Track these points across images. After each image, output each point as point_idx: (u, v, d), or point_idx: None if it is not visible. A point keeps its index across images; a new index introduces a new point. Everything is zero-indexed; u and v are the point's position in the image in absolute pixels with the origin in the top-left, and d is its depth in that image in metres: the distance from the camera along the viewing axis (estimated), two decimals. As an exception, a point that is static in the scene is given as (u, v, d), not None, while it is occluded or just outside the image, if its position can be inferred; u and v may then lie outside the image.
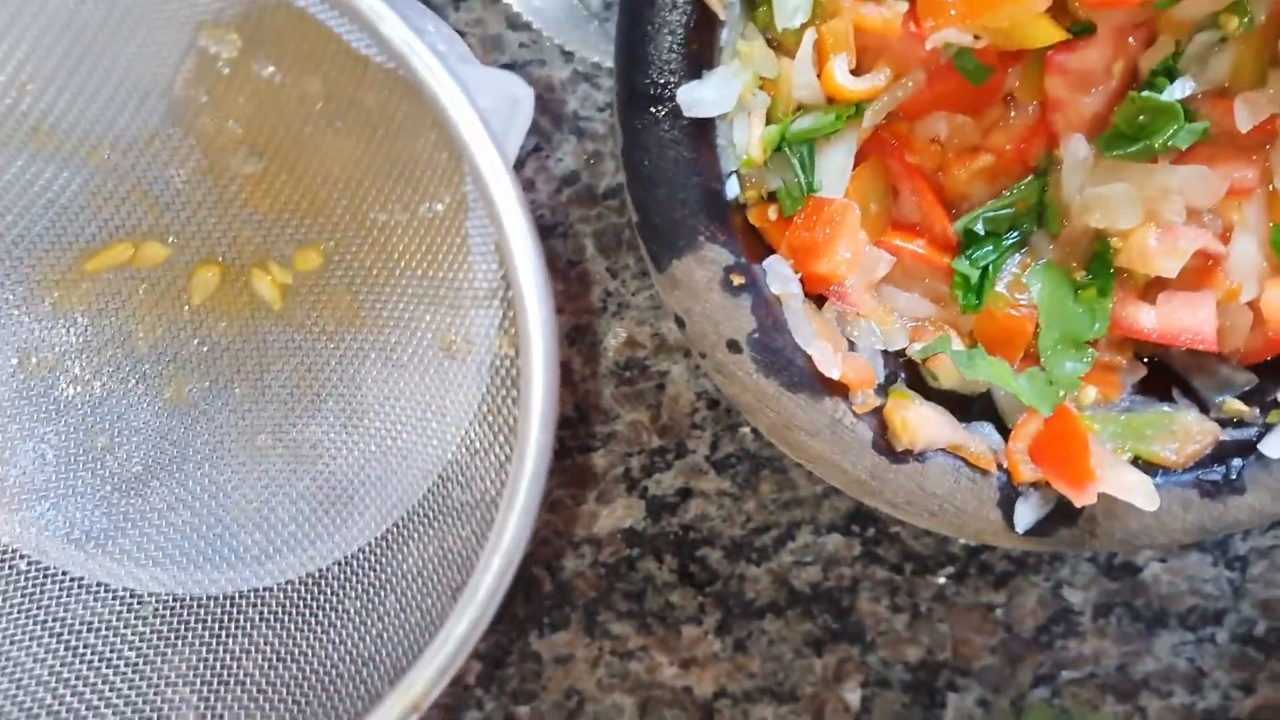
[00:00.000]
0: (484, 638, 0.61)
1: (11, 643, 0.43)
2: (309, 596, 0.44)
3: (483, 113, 0.34)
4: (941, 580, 0.61)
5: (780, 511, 0.60)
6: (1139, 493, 0.43)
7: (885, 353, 0.47)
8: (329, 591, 0.44)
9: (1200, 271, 0.46)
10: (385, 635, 0.42)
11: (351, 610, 0.43)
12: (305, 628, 0.44)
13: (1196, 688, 0.61)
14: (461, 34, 0.52)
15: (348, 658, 0.42)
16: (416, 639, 0.40)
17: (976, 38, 0.42)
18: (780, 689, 0.62)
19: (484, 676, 0.62)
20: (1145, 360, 0.48)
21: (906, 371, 0.47)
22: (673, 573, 0.61)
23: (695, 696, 0.62)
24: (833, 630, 0.61)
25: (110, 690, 0.43)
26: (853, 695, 0.62)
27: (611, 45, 0.54)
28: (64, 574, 0.45)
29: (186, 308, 0.45)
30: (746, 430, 0.60)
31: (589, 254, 0.58)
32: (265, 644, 0.44)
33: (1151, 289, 0.46)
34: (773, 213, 0.45)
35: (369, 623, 0.42)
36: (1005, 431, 0.46)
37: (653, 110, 0.41)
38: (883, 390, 0.46)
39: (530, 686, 0.62)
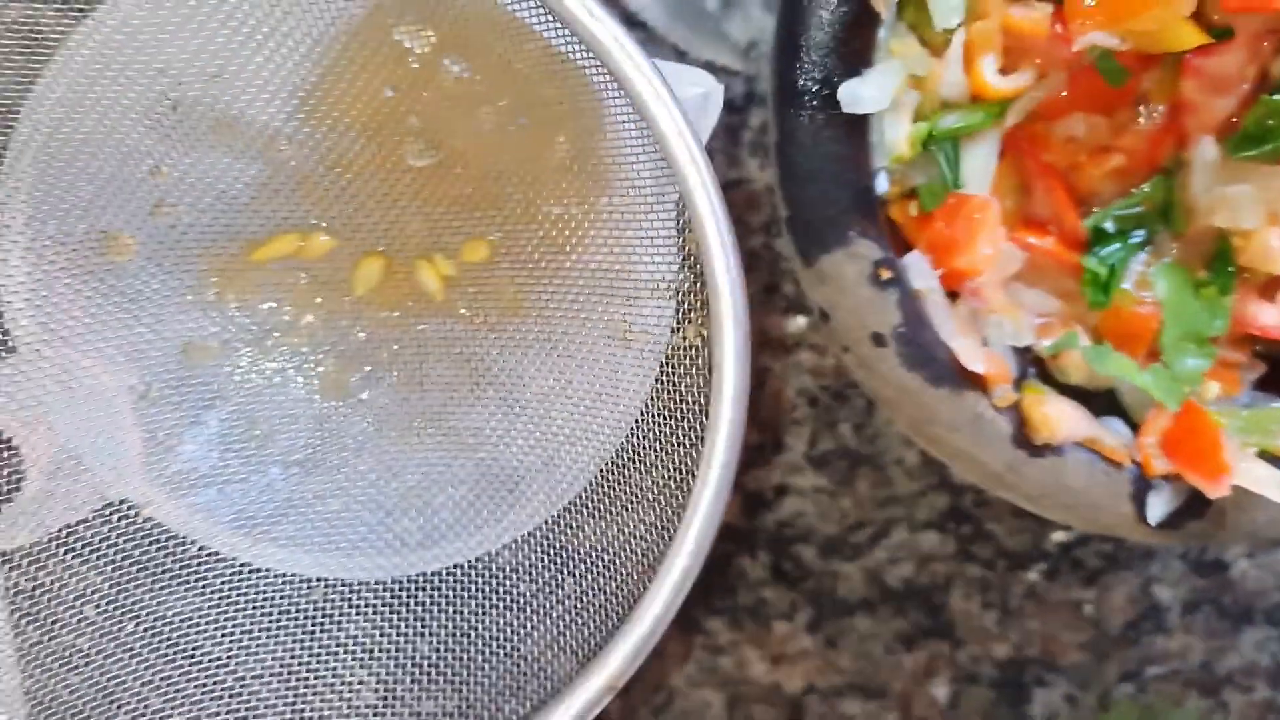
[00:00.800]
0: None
1: (188, 626, 0.43)
2: (479, 580, 0.45)
3: (682, 106, 0.35)
4: (1033, 577, 0.62)
5: (876, 509, 0.61)
6: (1271, 484, 0.44)
7: (1014, 349, 0.47)
8: (501, 576, 0.44)
9: (1320, 271, 0.47)
10: (569, 617, 0.42)
11: (527, 594, 0.44)
12: (479, 610, 0.44)
13: (1278, 683, 0.62)
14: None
15: (529, 639, 0.42)
16: (603, 620, 0.40)
17: (1122, 40, 0.43)
18: (869, 685, 0.63)
19: (575, 672, 0.62)
20: (1265, 357, 0.49)
21: (1034, 367, 0.48)
22: (766, 569, 0.62)
23: (784, 692, 0.63)
24: (924, 627, 0.62)
25: (285, 669, 0.44)
26: (941, 691, 0.63)
27: (726, 43, 0.55)
28: (233, 559, 0.45)
29: (348, 298, 0.46)
30: (845, 427, 0.60)
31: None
32: (439, 626, 0.44)
33: (1271, 287, 0.47)
34: (913, 209, 0.45)
35: (548, 605, 0.43)
36: (1133, 427, 0.47)
37: (807, 106, 0.42)
38: (1016, 385, 0.46)
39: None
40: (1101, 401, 0.49)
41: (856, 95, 0.41)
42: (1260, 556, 0.61)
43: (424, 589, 0.45)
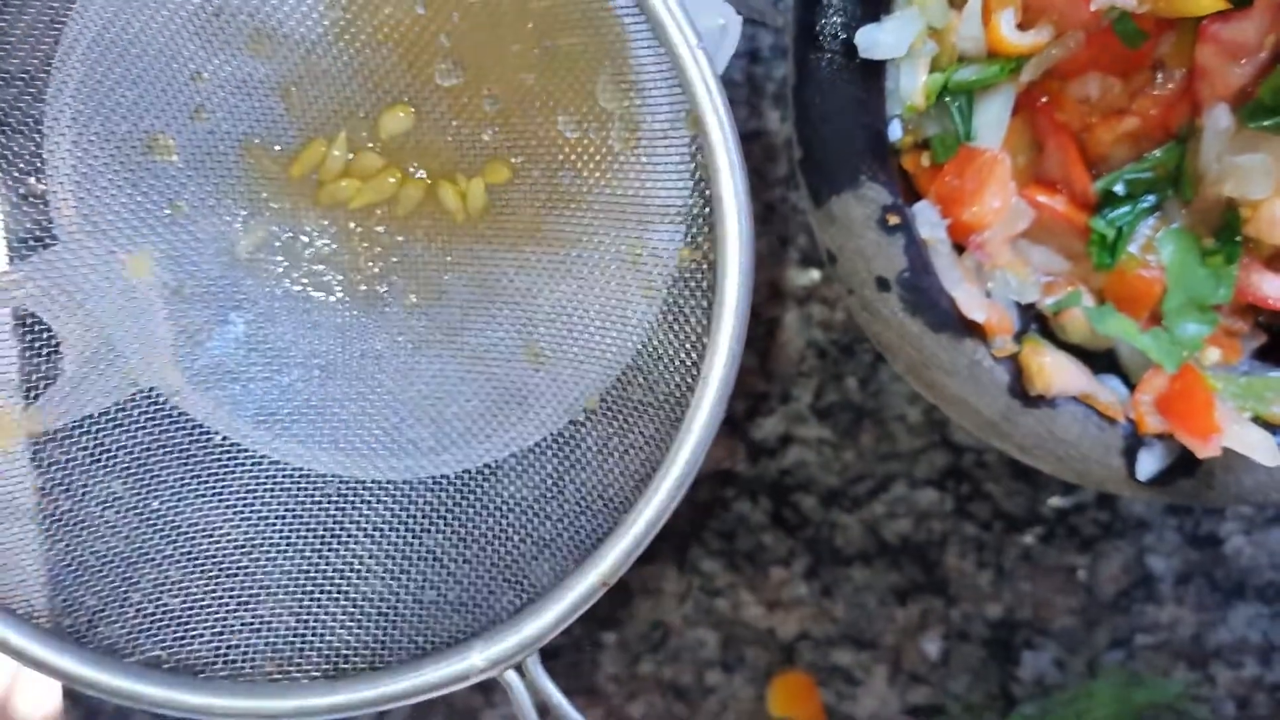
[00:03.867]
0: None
1: (209, 508, 0.46)
2: (486, 485, 0.47)
3: (700, 33, 0.36)
4: (1029, 540, 0.63)
5: (877, 463, 0.62)
6: (1261, 448, 0.44)
7: (1018, 305, 0.48)
8: (506, 481, 0.46)
9: (1328, 245, 0.47)
10: (565, 521, 0.44)
11: (529, 499, 0.45)
12: (485, 512, 0.46)
13: (1267, 661, 0.63)
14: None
15: (528, 541, 0.44)
16: (600, 524, 0.42)
17: (1140, 2, 0.43)
18: (862, 636, 0.64)
19: (575, 604, 0.64)
20: (1266, 328, 0.50)
21: (1037, 324, 0.49)
22: (766, 515, 0.63)
23: (778, 637, 0.64)
24: (918, 582, 0.63)
25: (297, 554, 0.46)
26: (932, 646, 0.64)
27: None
28: (253, 451, 0.47)
29: (375, 213, 0.48)
30: (852, 381, 0.62)
31: (715, 199, 0.59)
32: (445, 525, 0.46)
33: (1277, 259, 0.48)
34: (925, 159, 0.46)
35: (549, 510, 0.45)
36: (1130, 387, 0.48)
37: (827, 51, 0.43)
38: (1017, 339, 0.47)
39: (618, 614, 0.65)
40: (1101, 361, 0.49)
41: (874, 41, 0.42)
42: (1255, 534, 0.62)
43: (433, 490, 0.47)
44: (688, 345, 0.42)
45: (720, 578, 0.64)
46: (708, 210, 0.38)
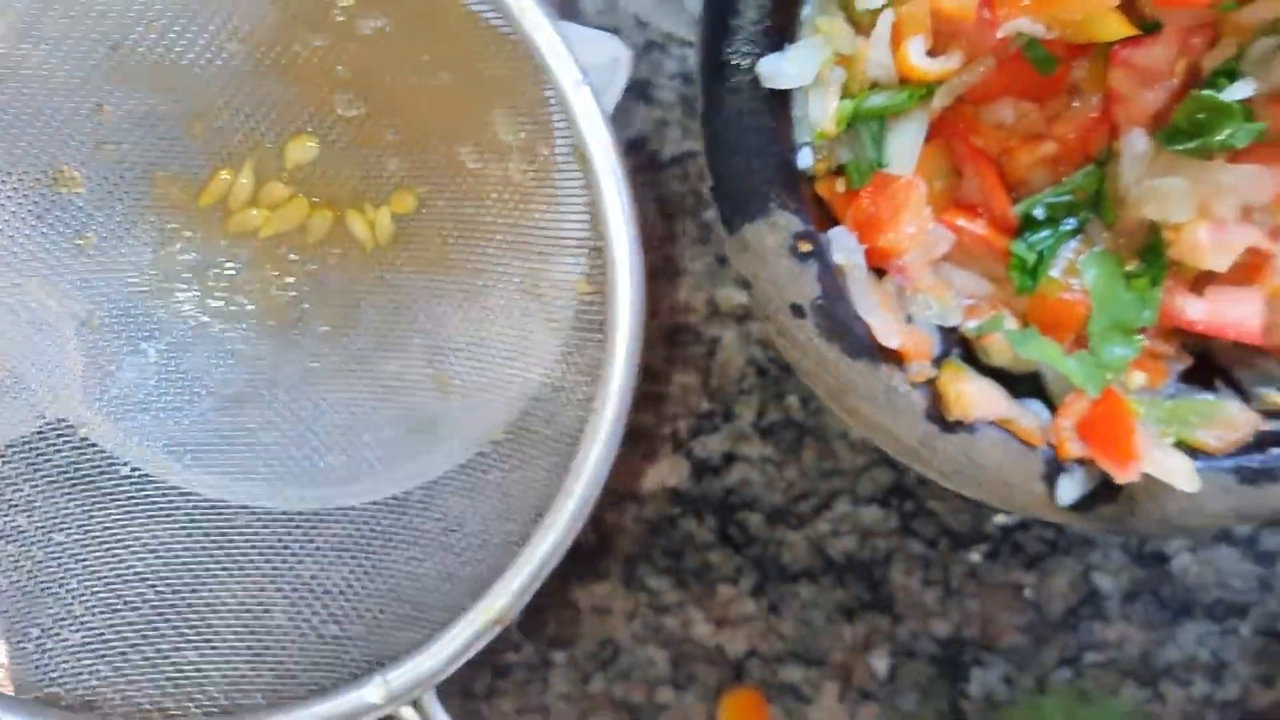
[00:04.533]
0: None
1: (116, 542, 0.46)
2: (393, 517, 0.47)
3: (585, 70, 0.37)
4: (975, 558, 0.62)
5: (821, 480, 0.62)
6: (1180, 474, 0.44)
7: (941, 328, 0.48)
8: (412, 513, 0.47)
9: (1250, 267, 0.47)
10: (468, 555, 0.44)
11: (435, 531, 0.46)
12: (390, 544, 0.47)
13: (1217, 678, 0.63)
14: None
15: (431, 574, 0.45)
16: (499, 559, 0.42)
17: (1047, 28, 0.43)
18: (810, 653, 0.64)
19: (523, 622, 0.64)
20: (1191, 350, 0.49)
21: (960, 348, 0.49)
22: (712, 533, 0.63)
23: (727, 654, 0.65)
24: (864, 600, 0.63)
25: (207, 590, 0.46)
26: (880, 664, 0.64)
27: (684, 15, 0.56)
28: (163, 481, 0.48)
29: (284, 243, 0.48)
30: (793, 399, 0.62)
31: (650, 219, 0.60)
32: (351, 558, 0.47)
33: (1201, 282, 0.48)
34: (840, 185, 0.46)
35: (451, 543, 0.45)
36: (1053, 410, 0.48)
37: (734, 79, 0.43)
38: (937, 363, 0.47)
39: (567, 633, 0.65)
40: (1026, 385, 0.49)
41: (777, 70, 0.42)
42: (1201, 551, 0.61)
43: (340, 521, 0.47)
44: (585, 380, 0.42)
45: (668, 595, 0.64)
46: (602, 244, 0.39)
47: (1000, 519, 0.62)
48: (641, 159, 0.59)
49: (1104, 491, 0.46)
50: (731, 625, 0.64)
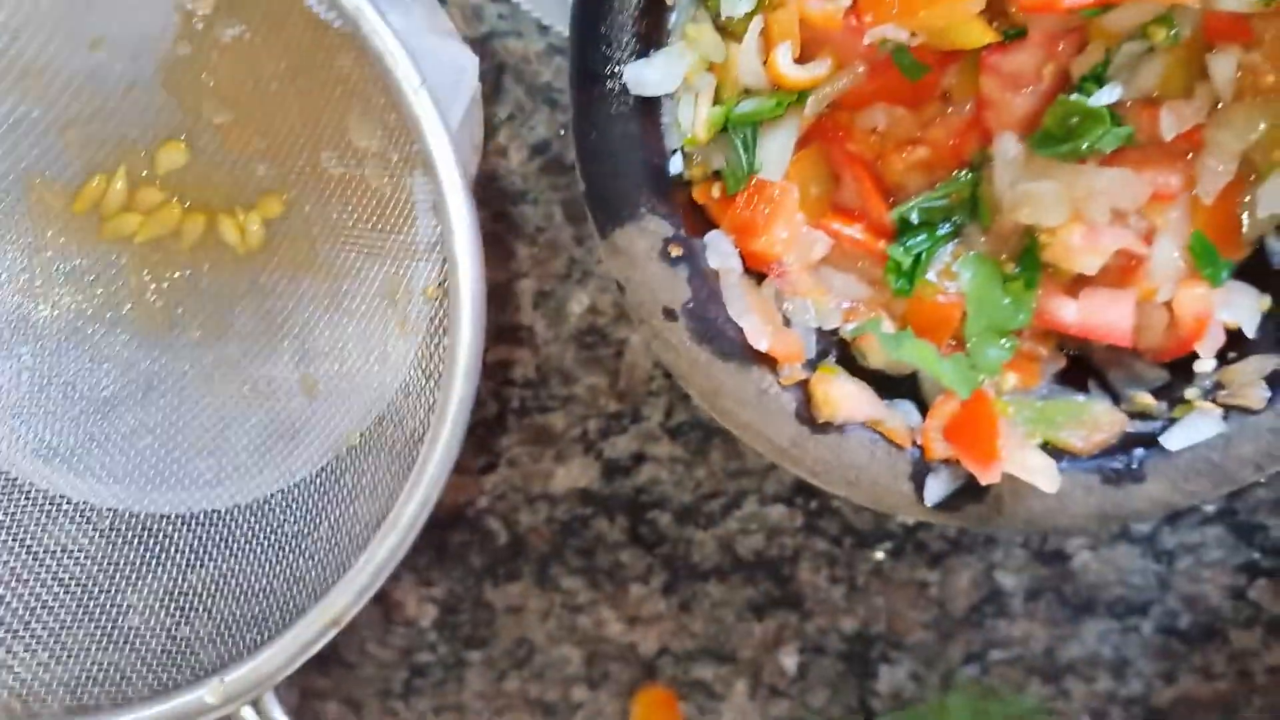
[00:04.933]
0: (438, 584, 0.64)
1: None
2: (253, 520, 0.48)
3: (425, 78, 0.37)
4: (879, 555, 0.63)
5: (728, 480, 0.63)
6: (1041, 475, 0.45)
7: (820, 331, 0.49)
8: (271, 516, 0.48)
9: (1122, 270, 0.48)
10: (316, 558, 0.45)
11: (290, 534, 0.46)
12: (247, 548, 0.47)
13: (1120, 675, 0.64)
14: (443, 2, 0.55)
15: (281, 576, 0.45)
16: (343, 562, 0.43)
17: (913, 35, 0.44)
18: (720, 650, 0.65)
19: (438, 622, 0.65)
20: (1066, 352, 0.50)
21: (839, 350, 0.50)
22: (623, 533, 0.64)
23: (639, 652, 0.65)
24: (773, 597, 0.64)
25: (65, 594, 0.47)
26: (789, 660, 0.65)
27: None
28: (31, 486, 0.48)
29: (157, 248, 0.49)
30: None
31: (557, 221, 0.60)
32: (210, 560, 0.48)
33: (1076, 284, 0.49)
34: (716, 191, 0.47)
35: (303, 546, 0.46)
36: (927, 411, 0.49)
37: (603, 86, 0.44)
38: (812, 365, 0.48)
39: (482, 633, 0.65)
40: (904, 386, 0.50)
41: (642, 77, 0.43)
42: (1101, 549, 0.62)
43: (203, 524, 0.48)
44: (433, 384, 0.43)
45: (582, 594, 0.65)
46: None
47: (903, 517, 0.63)
48: (548, 161, 0.60)
49: (970, 491, 0.47)
50: (644, 624, 0.65)
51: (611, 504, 0.64)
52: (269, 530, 0.47)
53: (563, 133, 0.59)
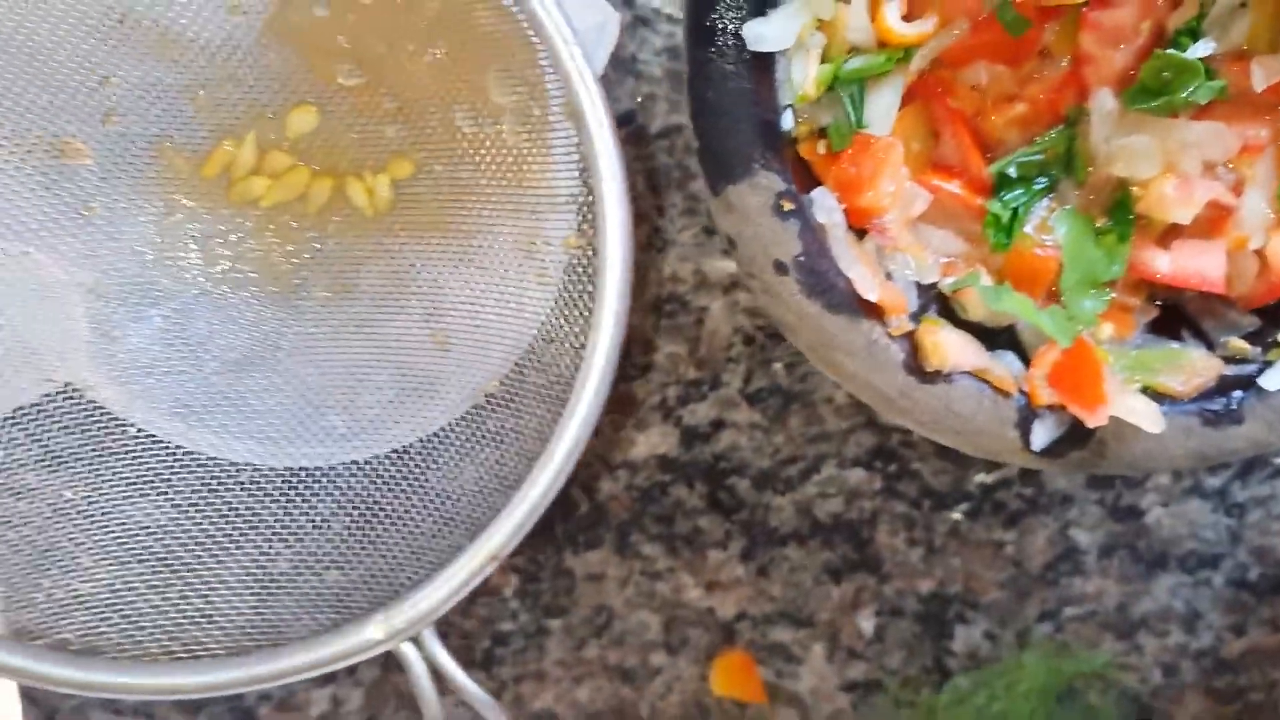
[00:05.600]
0: (520, 552, 0.65)
1: (124, 498, 0.48)
2: (394, 469, 0.49)
3: (577, 31, 0.38)
4: (957, 516, 0.64)
5: (807, 445, 0.64)
6: (1146, 417, 0.46)
7: (919, 285, 0.50)
8: (412, 465, 0.48)
9: (1213, 221, 0.49)
10: (465, 500, 0.46)
11: (433, 480, 0.47)
12: (390, 495, 0.48)
13: (1191, 628, 0.65)
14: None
15: (430, 518, 0.46)
16: (495, 502, 0.44)
17: (1018, -9, 0.45)
18: (799, 613, 0.66)
19: (519, 590, 0.66)
20: (1158, 302, 0.51)
21: (937, 304, 0.51)
22: (702, 499, 0.65)
23: (718, 617, 0.66)
24: (851, 560, 0.65)
25: (213, 544, 0.48)
26: (867, 623, 0.66)
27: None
28: (169, 442, 0.49)
29: (286, 210, 0.49)
30: (779, 366, 0.63)
31: (639, 191, 0.61)
32: (353, 508, 0.48)
33: (1167, 236, 0.50)
34: (822, 147, 0.48)
35: (450, 490, 0.47)
36: (1027, 362, 0.50)
37: (718, 44, 0.45)
38: (915, 319, 0.49)
39: (562, 601, 0.66)
40: (1002, 338, 0.51)
41: (760, 34, 0.44)
42: (1174, 505, 0.64)
43: (343, 475, 0.49)
44: (577, 329, 0.44)
45: (660, 561, 0.66)
46: (592, 199, 0.40)
47: (980, 478, 0.64)
48: (630, 133, 0.61)
49: (1074, 436, 0.48)
50: (722, 589, 0.66)
51: (690, 471, 0.65)
52: (412, 479, 0.48)
53: (645, 104, 0.60)
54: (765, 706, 0.67)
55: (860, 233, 0.50)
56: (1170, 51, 0.47)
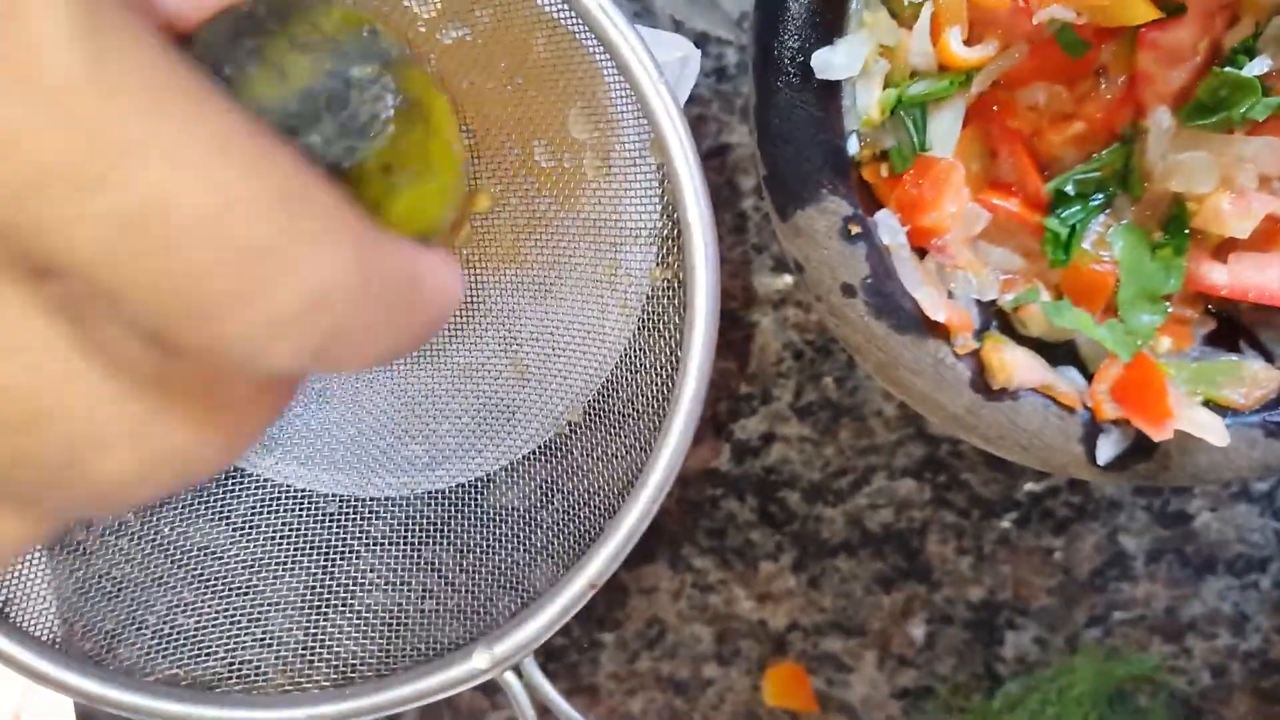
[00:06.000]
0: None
1: (218, 533, 0.48)
2: (480, 497, 0.49)
3: (661, 67, 0.39)
4: (1006, 524, 0.65)
5: (857, 457, 0.65)
6: (1211, 430, 0.47)
7: (979, 303, 0.51)
8: (499, 492, 0.49)
9: (1270, 234, 0.50)
10: (556, 529, 0.46)
11: (522, 508, 0.48)
12: (480, 523, 0.49)
13: (1239, 631, 0.66)
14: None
15: (520, 548, 0.47)
16: (586, 530, 0.45)
17: (1079, 14, 0.46)
18: (850, 623, 0.67)
19: (573, 606, 0.67)
20: (1215, 314, 0.52)
21: (997, 320, 0.52)
22: (753, 512, 0.66)
23: (770, 628, 0.67)
24: (901, 569, 0.66)
25: (304, 573, 0.48)
26: (917, 631, 0.67)
27: (718, 14, 0.59)
28: (258, 475, 0.50)
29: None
30: (829, 380, 0.64)
31: (689, 211, 0.62)
32: (442, 536, 0.49)
33: (1223, 249, 0.51)
34: (884, 170, 0.49)
35: (539, 518, 0.47)
36: (1087, 376, 0.51)
37: (786, 73, 0.46)
38: (978, 336, 0.50)
39: (616, 615, 0.67)
40: (1060, 353, 0.52)
41: (828, 63, 0.45)
42: (1221, 510, 0.64)
43: (429, 504, 0.50)
44: (663, 358, 0.44)
45: (712, 574, 0.67)
46: (676, 232, 0.41)
47: (1029, 486, 0.65)
48: (675, 153, 0.61)
49: (1139, 450, 0.49)
50: (773, 600, 0.67)
51: (742, 484, 0.66)
52: (499, 506, 0.49)
53: (695, 126, 0.61)
54: (818, 716, 0.68)
55: (921, 252, 0.50)
56: (1227, 69, 0.47)
